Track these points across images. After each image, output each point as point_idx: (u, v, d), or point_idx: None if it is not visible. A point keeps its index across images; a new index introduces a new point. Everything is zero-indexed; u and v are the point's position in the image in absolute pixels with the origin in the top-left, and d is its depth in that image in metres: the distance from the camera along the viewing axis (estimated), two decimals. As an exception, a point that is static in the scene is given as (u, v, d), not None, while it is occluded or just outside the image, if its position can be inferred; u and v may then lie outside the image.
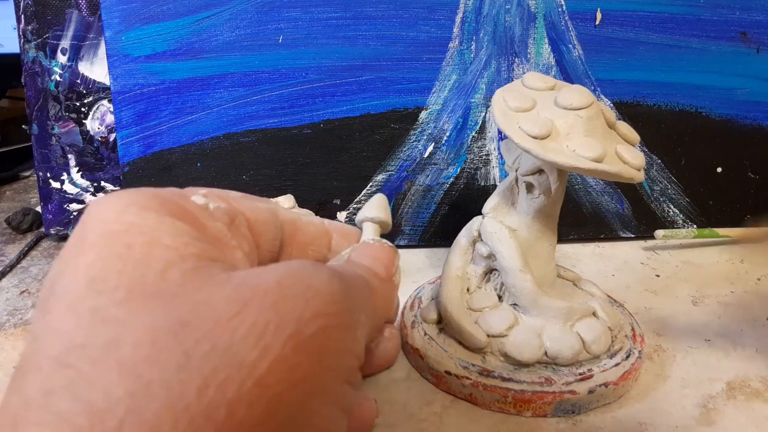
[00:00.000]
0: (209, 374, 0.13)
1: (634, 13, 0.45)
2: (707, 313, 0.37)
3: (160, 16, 0.42)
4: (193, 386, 0.13)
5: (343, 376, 0.17)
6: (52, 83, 0.44)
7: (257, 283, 0.15)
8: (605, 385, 0.28)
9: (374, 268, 0.23)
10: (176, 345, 0.13)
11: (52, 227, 0.46)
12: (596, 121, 0.27)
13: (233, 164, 0.44)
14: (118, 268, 0.15)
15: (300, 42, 0.43)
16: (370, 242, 0.25)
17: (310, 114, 0.44)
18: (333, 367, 0.16)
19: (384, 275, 0.23)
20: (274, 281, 0.16)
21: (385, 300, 0.22)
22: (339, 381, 0.17)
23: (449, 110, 0.45)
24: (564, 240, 0.47)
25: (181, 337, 0.14)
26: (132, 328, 0.14)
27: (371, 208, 0.28)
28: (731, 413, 0.28)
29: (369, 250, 0.24)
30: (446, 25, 0.44)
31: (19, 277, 0.41)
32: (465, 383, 0.28)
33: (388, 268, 0.23)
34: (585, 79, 0.45)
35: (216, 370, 0.13)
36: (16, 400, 0.13)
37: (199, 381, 0.13)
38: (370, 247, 0.24)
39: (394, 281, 0.24)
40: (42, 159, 0.45)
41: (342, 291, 0.17)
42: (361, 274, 0.22)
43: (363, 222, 0.28)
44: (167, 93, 0.43)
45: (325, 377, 0.16)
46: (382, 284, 0.22)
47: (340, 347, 0.16)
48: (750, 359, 0.33)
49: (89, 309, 0.14)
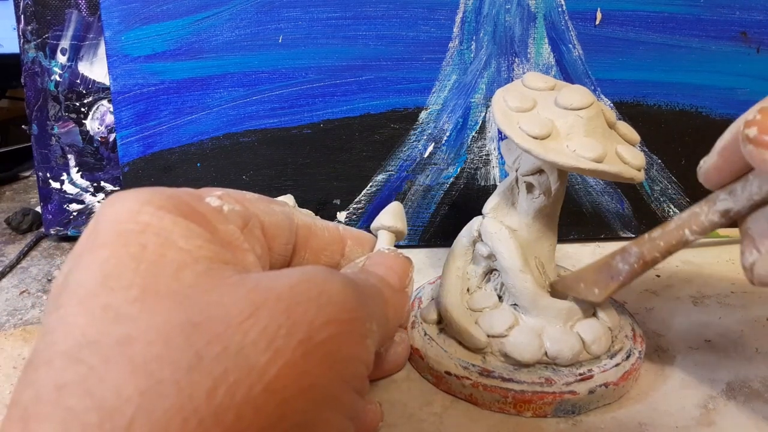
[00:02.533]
0: (219, 376, 0.13)
1: (635, 13, 0.45)
2: (707, 314, 0.37)
3: (159, 16, 0.42)
4: (203, 387, 0.13)
5: (352, 385, 0.17)
6: (52, 83, 0.44)
7: (270, 287, 0.15)
8: (605, 385, 0.28)
9: (388, 278, 0.23)
10: (188, 345, 0.13)
11: (51, 227, 0.46)
12: (596, 121, 0.27)
13: (233, 164, 0.44)
14: (132, 267, 0.15)
15: (300, 42, 0.43)
16: (385, 251, 0.25)
17: (310, 114, 0.44)
18: (342, 374, 0.16)
19: (397, 285, 0.23)
20: (288, 286, 0.16)
21: (397, 309, 0.23)
22: (347, 389, 0.16)
23: (449, 110, 0.45)
24: (564, 240, 0.47)
25: (193, 338, 0.14)
26: (144, 327, 0.14)
27: (387, 216, 0.28)
28: (731, 414, 0.28)
29: (384, 259, 0.24)
30: (446, 24, 0.44)
31: (18, 277, 0.41)
32: (465, 383, 0.28)
33: (402, 278, 0.23)
34: (585, 79, 0.45)
35: (226, 372, 0.13)
36: (28, 394, 0.13)
37: (209, 383, 0.13)
38: (385, 256, 0.24)
39: (407, 292, 0.24)
40: (42, 159, 0.45)
41: (355, 299, 0.17)
42: (375, 283, 0.22)
43: (378, 230, 0.28)
44: (167, 93, 0.43)
45: (334, 385, 0.16)
46: (394, 294, 0.22)
47: (350, 355, 0.16)
48: (750, 360, 0.33)
49: (102, 306, 0.14)
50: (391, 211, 0.28)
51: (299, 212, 0.24)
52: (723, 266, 0.44)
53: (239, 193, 0.21)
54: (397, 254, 0.25)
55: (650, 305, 0.38)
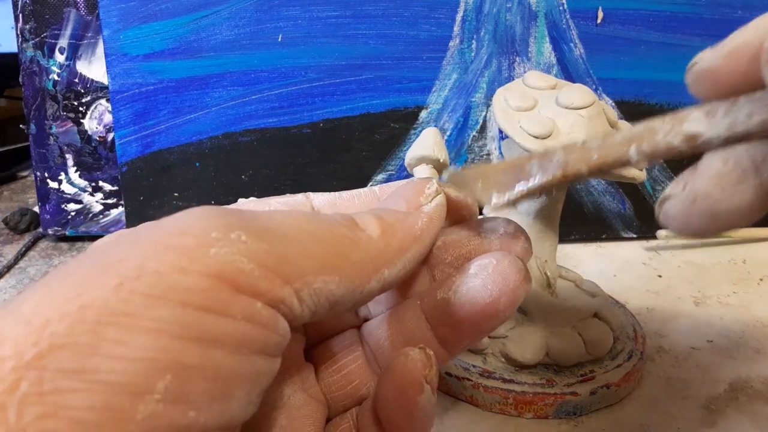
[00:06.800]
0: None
1: (636, 12, 0.45)
2: (709, 314, 0.37)
3: (158, 15, 0.42)
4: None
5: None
6: (50, 82, 0.44)
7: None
8: (607, 386, 0.28)
9: (392, 206, 0.18)
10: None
11: (49, 227, 0.46)
12: (598, 121, 0.27)
13: (232, 164, 0.44)
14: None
15: (299, 41, 0.43)
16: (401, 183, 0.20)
17: (310, 113, 0.44)
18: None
19: (405, 207, 0.18)
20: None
21: (404, 232, 0.17)
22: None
23: (450, 109, 0.45)
24: (565, 240, 0.46)
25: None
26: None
27: (420, 146, 0.24)
28: (733, 414, 0.28)
29: (394, 191, 0.19)
30: (447, 23, 0.44)
31: (16, 277, 0.41)
32: (466, 385, 0.28)
33: (411, 199, 0.18)
34: (586, 77, 0.45)
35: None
36: None
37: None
38: (397, 189, 0.19)
39: (423, 209, 0.18)
40: (40, 159, 0.45)
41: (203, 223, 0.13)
42: (328, 223, 0.16)
43: (414, 167, 0.24)
44: (166, 92, 0.43)
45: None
46: (400, 219, 0.17)
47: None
48: (752, 360, 0.32)
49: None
50: (424, 139, 0.24)
51: (318, 195, 0.20)
52: (724, 266, 0.44)
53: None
54: (410, 180, 0.20)
55: (651, 306, 0.38)
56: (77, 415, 0.10)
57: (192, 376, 0.12)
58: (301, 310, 0.14)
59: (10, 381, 0.10)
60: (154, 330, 0.11)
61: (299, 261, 0.14)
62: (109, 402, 0.11)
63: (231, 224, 0.13)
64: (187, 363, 0.12)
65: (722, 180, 0.16)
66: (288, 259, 0.14)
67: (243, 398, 0.13)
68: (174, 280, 0.12)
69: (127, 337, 0.11)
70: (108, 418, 0.11)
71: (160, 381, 0.11)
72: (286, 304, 0.13)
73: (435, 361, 0.16)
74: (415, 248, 0.17)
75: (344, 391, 0.18)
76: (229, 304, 0.12)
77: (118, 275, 0.12)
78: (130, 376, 0.11)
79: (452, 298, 0.17)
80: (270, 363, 0.14)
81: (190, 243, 0.13)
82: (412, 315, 0.18)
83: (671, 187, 0.17)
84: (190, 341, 0.12)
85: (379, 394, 0.16)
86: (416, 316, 0.18)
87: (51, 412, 0.10)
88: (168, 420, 0.11)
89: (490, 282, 0.17)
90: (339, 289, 0.14)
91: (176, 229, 0.13)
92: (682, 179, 0.16)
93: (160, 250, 0.12)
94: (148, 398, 0.11)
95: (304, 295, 0.14)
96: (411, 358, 0.16)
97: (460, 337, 0.18)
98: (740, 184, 0.15)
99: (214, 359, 0.12)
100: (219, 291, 0.12)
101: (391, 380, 0.16)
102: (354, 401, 0.18)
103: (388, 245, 0.16)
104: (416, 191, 0.18)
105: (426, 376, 0.16)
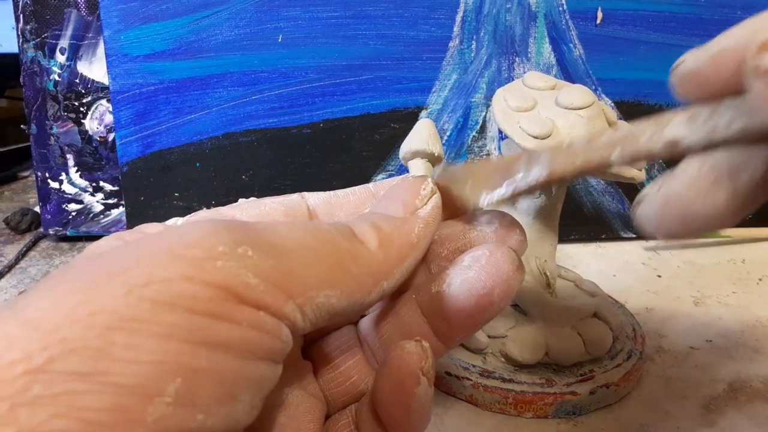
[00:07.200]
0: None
1: (635, 13, 0.45)
2: (709, 314, 0.37)
3: (159, 15, 0.42)
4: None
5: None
6: (51, 83, 0.44)
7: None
8: (606, 386, 0.28)
9: (388, 208, 0.18)
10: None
11: (50, 227, 0.46)
12: (597, 121, 0.27)
13: (232, 164, 0.44)
14: None
15: (299, 41, 0.43)
16: (394, 181, 0.19)
17: (310, 114, 0.44)
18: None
19: (402, 212, 0.17)
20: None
21: (401, 241, 0.17)
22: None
23: (449, 110, 0.45)
24: (565, 240, 0.46)
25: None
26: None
27: (414, 139, 0.23)
28: (733, 414, 0.28)
29: (389, 190, 0.18)
30: (447, 24, 0.44)
31: (17, 277, 0.41)
32: (465, 384, 0.28)
33: (408, 203, 0.18)
34: (586, 78, 0.45)
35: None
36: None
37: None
38: (388, 188, 0.19)
39: (419, 214, 0.18)
40: (40, 159, 0.45)
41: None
42: (322, 233, 0.16)
43: (408, 161, 0.23)
44: (166, 92, 0.43)
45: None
46: (398, 227, 0.17)
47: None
48: (751, 360, 0.32)
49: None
50: (418, 132, 0.23)
51: (313, 195, 0.20)
52: (724, 266, 0.44)
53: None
54: (404, 178, 0.19)
55: (651, 305, 0.38)
56: (88, 415, 0.11)
57: (200, 380, 0.12)
58: (303, 323, 0.14)
59: (21, 383, 0.10)
60: (163, 334, 0.12)
61: (302, 277, 0.14)
62: (120, 403, 0.11)
63: (238, 239, 0.13)
64: (196, 366, 0.12)
65: (697, 183, 0.16)
66: (292, 274, 0.14)
67: (247, 402, 0.13)
68: (182, 288, 0.12)
69: (136, 341, 0.11)
70: (118, 419, 0.11)
71: (171, 384, 0.11)
72: (290, 318, 0.14)
73: (431, 353, 0.16)
74: (412, 255, 0.17)
75: (342, 388, 0.19)
76: (234, 312, 0.13)
77: (126, 283, 0.12)
78: (141, 379, 0.11)
79: (447, 291, 0.17)
80: (273, 368, 0.14)
81: (197, 255, 0.13)
82: (408, 309, 0.18)
83: (647, 188, 0.17)
84: (198, 345, 0.12)
85: (376, 388, 0.16)
86: (412, 310, 0.18)
87: (62, 412, 0.10)
88: (177, 423, 0.11)
89: (484, 273, 0.16)
90: (340, 303, 0.15)
91: (184, 241, 0.13)
92: (658, 181, 0.16)
93: (168, 259, 0.13)
94: (158, 401, 0.11)
95: (307, 310, 0.14)
96: (407, 351, 0.16)
97: (455, 330, 0.17)
98: (714, 188, 0.15)
99: (221, 363, 0.12)
100: (224, 300, 0.13)
101: (387, 373, 0.16)
102: (353, 397, 0.19)
103: (387, 256, 0.16)
104: (412, 192, 0.18)
105: (422, 368, 0.16)
